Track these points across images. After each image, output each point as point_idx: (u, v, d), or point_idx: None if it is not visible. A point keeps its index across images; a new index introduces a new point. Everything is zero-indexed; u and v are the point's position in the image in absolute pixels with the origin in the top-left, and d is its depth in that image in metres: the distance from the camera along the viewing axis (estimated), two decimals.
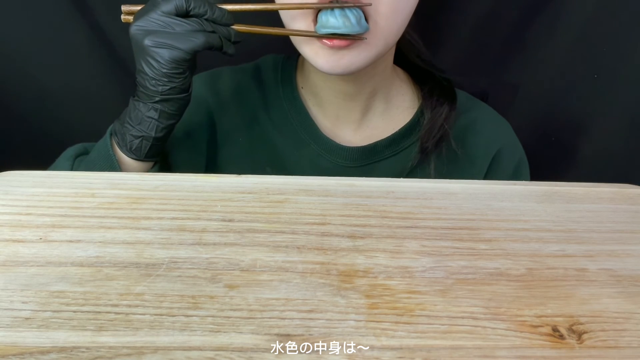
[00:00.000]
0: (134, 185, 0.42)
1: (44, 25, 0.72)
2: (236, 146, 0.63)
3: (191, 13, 0.48)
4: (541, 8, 0.72)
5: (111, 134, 0.53)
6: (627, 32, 0.72)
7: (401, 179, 0.46)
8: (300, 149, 0.62)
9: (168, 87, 0.49)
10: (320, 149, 0.62)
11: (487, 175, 0.63)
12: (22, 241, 0.33)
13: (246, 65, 0.66)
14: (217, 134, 0.63)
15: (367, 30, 0.49)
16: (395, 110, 0.63)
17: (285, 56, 0.65)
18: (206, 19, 0.49)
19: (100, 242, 0.34)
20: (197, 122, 0.61)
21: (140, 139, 0.51)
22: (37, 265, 0.31)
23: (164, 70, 0.48)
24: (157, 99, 0.49)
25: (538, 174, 0.65)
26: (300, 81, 0.63)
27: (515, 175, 0.63)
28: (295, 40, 0.52)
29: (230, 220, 0.37)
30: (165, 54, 0.48)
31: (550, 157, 0.80)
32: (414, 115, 0.63)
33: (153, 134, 0.51)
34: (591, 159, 0.79)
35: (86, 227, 0.35)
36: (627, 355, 0.26)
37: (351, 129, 0.62)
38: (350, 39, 0.48)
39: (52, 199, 0.39)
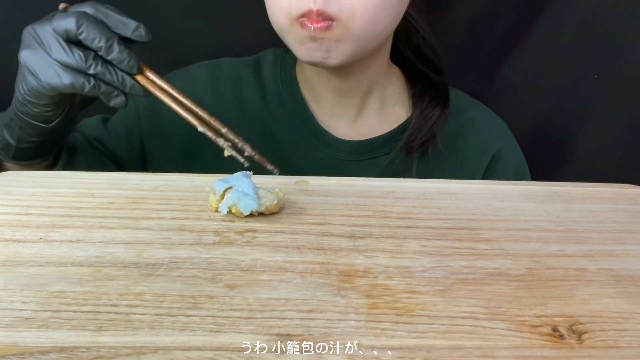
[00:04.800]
0: (134, 185, 0.42)
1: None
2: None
3: (83, 43, 0.42)
4: (541, 8, 0.72)
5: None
6: (627, 33, 0.72)
7: (401, 179, 0.46)
8: (297, 140, 0.62)
9: (25, 111, 0.46)
10: (317, 141, 0.62)
11: (486, 176, 0.63)
12: (22, 241, 0.33)
13: (247, 58, 0.66)
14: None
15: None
16: (391, 108, 0.63)
17: (285, 50, 0.65)
18: (100, 57, 0.43)
19: (100, 242, 0.34)
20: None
21: (5, 142, 0.49)
22: (37, 265, 0.31)
23: (24, 95, 0.45)
24: (19, 114, 0.47)
25: (538, 174, 0.65)
26: (299, 76, 0.63)
27: (516, 177, 0.63)
28: (280, 30, 0.53)
29: (230, 220, 0.37)
30: (28, 78, 0.43)
31: (551, 157, 0.80)
32: (411, 115, 0.63)
33: (14, 142, 0.48)
34: (591, 159, 0.79)
35: (86, 227, 0.35)
36: (627, 355, 0.26)
37: (346, 126, 0.63)
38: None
39: (52, 199, 0.39)
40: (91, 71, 0.42)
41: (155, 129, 0.62)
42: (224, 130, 0.41)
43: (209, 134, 0.41)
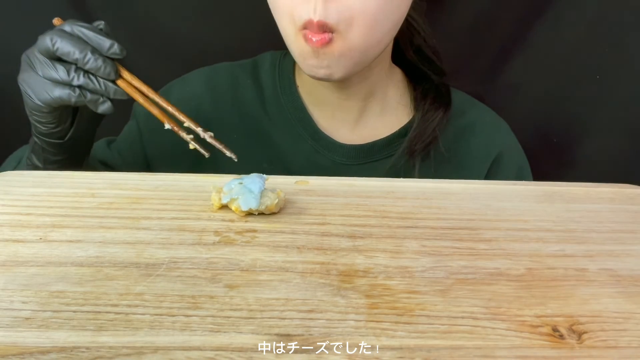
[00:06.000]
0: (134, 185, 0.42)
1: (44, 25, 0.72)
2: (231, 143, 0.63)
3: (61, 58, 0.45)
4: (543, 9, 0.72)
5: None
6: (629, 33, 0.72)
7: (401, 179, 0.46)
8: (297, 144, 0.62)
9: (38, 131, 0.49)
10: (317, 145, 0.62)
11: (488, 179, 0.62)
12: (22, 241, 0.33)
13: (245, 61, 0.66)
14: (210, 131, 0.63)
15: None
16: (392, 111, 0.63)
17: (283, 52, 0.65)
18: (81, 68, 0.46)
19: (100, 242, 0.34)
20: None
21: (34, 166, 0.53)
22: (37, 265, 0.31)
23: (29, 115, 0.48)
24: (36, 135, 0.50)
25: (538, 174, 0.65)
26: (298, 80, 0.63)
27: (518, 179, 0.63)
28: (286, 38, 0.53)
29: (230, 220, 0.37)
30: (26, 99, 0.47)
31: (551, 158, 0.80)
32: (412, 117, 0.63)
33: (42, 165, 0.52)
34: (593, 160, 0.79)
35: (86, 227, 0.35)
36: (627, 355, 0.26)
37: (348, 129, 0.62)
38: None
39: (52, 199, 0.39)
40: (75, 82, 0.46)
41: (157, 144, 0.63)
42: (185, 123, 0.47)
43: (175, 128, 0.46)
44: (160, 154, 0.64)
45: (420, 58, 0.62)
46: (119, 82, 0.47)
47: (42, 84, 0.46)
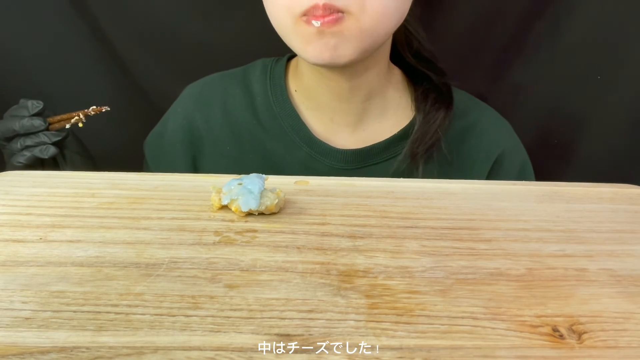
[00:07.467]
0: (134, 185, 0.42)
1: (44, 26, 0.72)
2: (224, 156, 0.63)
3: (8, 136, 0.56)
4: (544, 9, 0.72)
5: None
6: (629, 33, 0.71)
7: (401, 179, 0.46)
8: (292, 152, 0.61)
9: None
10: (313, 151, 0.61)
11: (490, 178, 0.62)
12: (22, 241, 0.33)
13: (236, 70, 0.65)
14: (204, 147, 0.63)
15: None
16: (392, 113, 0.62)
17: (275, 59, 0.64)
18: (20, 135, 0.56)
19: (100, 242, 0.34)
20: (180, 140, 0.63)
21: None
22: (37, 265, 0.31)
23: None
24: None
25: (539, 174, 0.65)
26: (294, 85, 0.62)
27: (520, 178, 0.62)
28: (282, 31, 0.51)
29: (230, 220, 0.37)
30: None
31: (551, 158, 0.80)
32: (412, 119, 0.62)
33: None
34: (593, 161, 0.79)
35: (86, 227, 0.35)
36: (627, 355, 0.26)
37: (347, 133, 0.62)
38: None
39: (52, 199, 0.39)
40: (21, 147, 0.57)
41: (158, 163, 0.66)
42: (73, 120, 0.57)
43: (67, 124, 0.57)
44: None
45: (419, 60, 0.62)
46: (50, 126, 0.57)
47: (8, 157, 0.58)
